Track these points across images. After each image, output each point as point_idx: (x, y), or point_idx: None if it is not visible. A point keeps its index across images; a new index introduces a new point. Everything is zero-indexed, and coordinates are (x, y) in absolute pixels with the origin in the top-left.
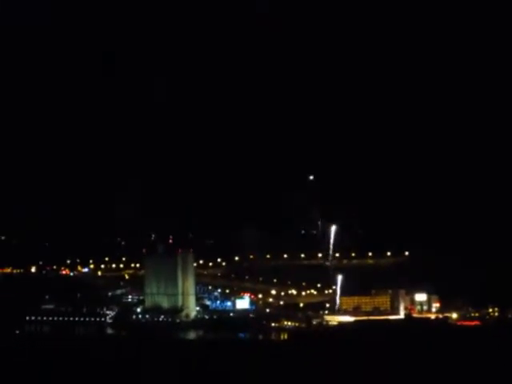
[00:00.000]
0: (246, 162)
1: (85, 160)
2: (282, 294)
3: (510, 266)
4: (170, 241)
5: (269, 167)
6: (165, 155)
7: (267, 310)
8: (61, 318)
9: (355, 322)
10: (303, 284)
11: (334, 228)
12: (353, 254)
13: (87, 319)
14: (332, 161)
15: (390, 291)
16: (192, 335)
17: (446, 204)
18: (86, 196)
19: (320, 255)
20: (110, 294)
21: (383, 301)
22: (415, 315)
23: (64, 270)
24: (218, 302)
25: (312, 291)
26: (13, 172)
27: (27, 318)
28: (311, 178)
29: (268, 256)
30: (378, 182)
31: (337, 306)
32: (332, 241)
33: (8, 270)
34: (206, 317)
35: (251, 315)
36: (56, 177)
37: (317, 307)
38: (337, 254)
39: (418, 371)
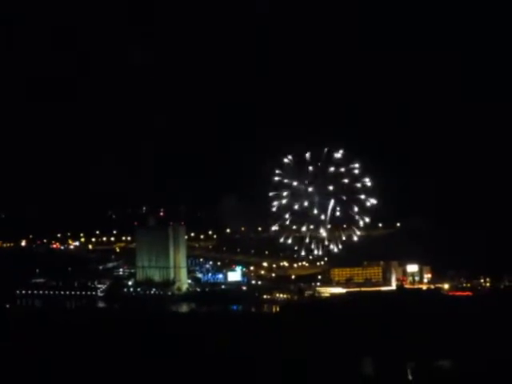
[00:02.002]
0: (237, 133)
1: (75, 131)
2: (274, 266)
3: (502, 237)
4: (162, 214)
5: (258, 139)
6: (156, 127)
7: (259, 283)
8: (52, 292)
9: (347, 293)
10: (295, 256)
11: (325, 201)
12: (344, 226)
13: (78, 293)
14: (326, 130)
15: (381, 263)
16: (184, 308)
17: (437, 174)
18: (76, 169)
19: (311, 227)
20: (101, 267)
21: (375, 272)
22: (407, 286)
23: (54, 243)
24: (210, 274)
25: (304, 263)
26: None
27: (18, 292)
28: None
29: (260, 228)
30: (369, 153)
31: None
32: (327, 213)
33: None
34: (198, 289)
35: (243, 287)
36: (46, 150)
37: (309, 279)
38: (328, 226)
39: (411, 340)
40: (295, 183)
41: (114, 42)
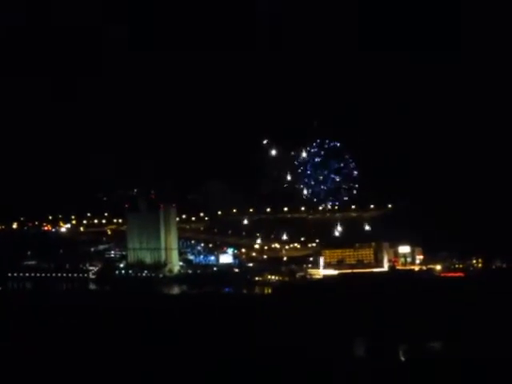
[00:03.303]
0: (229, 113)
1: (66, 115)
2: (266, 248)
3: (493, 217)
4: (153, 196)
5: (253, 120)
6: (146, 108)
7: (251, 265)
8: (43, 275)
9: (339, 275)
10: (286, 238)
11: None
12: (336, 207)
13: (70, 275)
14: (318, 114)
15: (373, 244)
16: (176, 290)
17: (429, 154)
18: (67, 152)
19: (303, 209)
20: (92, 249)
21: (367, 254)
22: (399, 267)
23: (46, 226)
24: (202, 256)
25: (295, 245)
26: None
27: (9, 274)
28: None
29: (251, 210)
30: (361, 135)
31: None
32: (315, 194)
33: None
34: (190, 271)
35: (235, 269)
36: (37, 133)
37: (300, 261)
38: (320, 208)
39: (404, 321)
40: (286, 164)
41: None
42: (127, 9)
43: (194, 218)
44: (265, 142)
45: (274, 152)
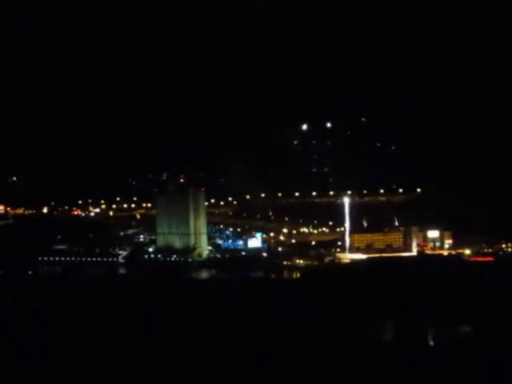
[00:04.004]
0: (258, 102)
1: (95, 99)
2: (294, 232)
3: None
4: (182, 180)
5: (280, 107)
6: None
7: (279, 249)
8: (73, 259)
9: (368, 259)
10: (315, 222)
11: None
12: (365, 192)
13: (99, 259)
14: (344, 99)
15: (402, 228)
16: (205, 274)
17: (459, 139)
18: (97, 136)
19: (332, 193)
20: (121, 233)
21: (396, 238)
22: (428, 252)
23: (76, 210)
24: (230, 240)
25: (324, 229)
26: (22, 114)
27: (40, 258)
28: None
29: (280, 194)
30: (389, 120)
31: (347, 244)
32: (344, 179)
33: (20, 211)
34: (218, 256)
35: (263, 254)
36: (68, 118)
37: (329, 245)
38: (349, 192)
39: (434, 305)
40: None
41: None
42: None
43: (222, 203)
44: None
45: (302, 137)
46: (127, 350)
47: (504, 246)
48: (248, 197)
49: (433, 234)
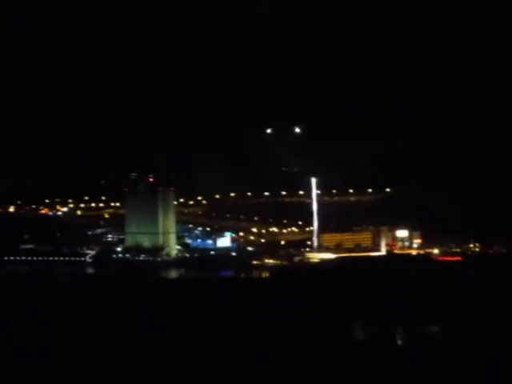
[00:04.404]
0: (228, 102)
1: (64, 96)
2: (263, 231)
3: (491, 202)
4: (151, 179)
5: (251, 107)
6: (145, 95)
7: (248, 248)
8: (40, 258)
9: (337, 258)
10: (284, 221)
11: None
12: (334, 191)
13: (67, 259)
14: (313, 98)
15: (371, 228)
16: (173, 274)
17: (427, 139)
18: (65, 135)
19: (301, 193)
20: (89, 233)
21: (365, 237)
22: (397, 251)
23: (43, 209)
24: (199, 240)
25: (293, 229)
26: None
27: (6, 258)
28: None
29: (249, 194)
30: (358, 120)
31: (315, 243)
32: (313, 178)
33: None
34: (187, 255)
35: (232, 253)
36: (34, 116)
37: (298, 244)
38: (318, 192)
39: (401, 305)
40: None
41: None
42: None
43: (192, 202)
44: (265, 129)
45: (272, 136)
46: (94, 349)
47: (472, 245)
48: (217, 196)
49: (402, 233)
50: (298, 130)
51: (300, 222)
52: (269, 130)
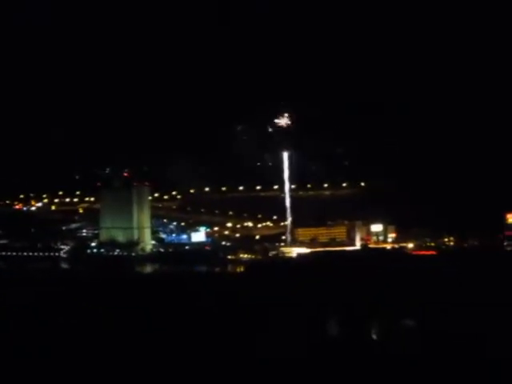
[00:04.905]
0: (202, 96)
1: (37, 90)
2: (238, 226)
3: (465, 196)
4: (126, 174)
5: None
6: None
7: (223, 243)
8: (15, 254)
9: (312, 253)
10: (259, 216)
11: (289, 159)
12: (309, 186)
13: (41, 254)
14: (288, 92)
15: (346, 222)
16: (148, 269)
17: (402, 133)
18: (39, 129)
19: (276, 187)
20: (64, 228)
21: (340, 232)
22: (371, 245)
23: (17, 204)
24: (174, 235)
25: (268, 223)
26: None
27: None
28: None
29: (224, 188)
30: (334, 115)
31: (289, 238)
32: (288, 172)
33: None
34: (162, 250)
35: (207, 248)
36: (6, 111)
37: (273, 239)
38: (293, 186)
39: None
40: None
41: None
42: None
43: (166, 197)
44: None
45: (245, 130)
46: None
47: (447, 240)
48: (192, 191)
49: (376, 227)
50: (273, 123)
51: (275, 217)
52: (243, 124)
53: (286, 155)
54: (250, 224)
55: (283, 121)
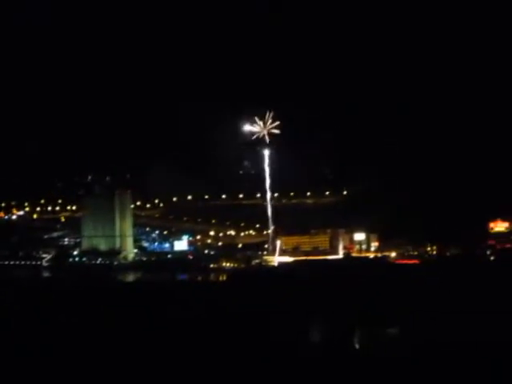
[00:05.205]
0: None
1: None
2: (221, 234)
3: (448, 205)
4: (108, 182)
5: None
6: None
7: (206, 251)
8: None
9: (294, 261)
10: (242, 225)
11: (271, 168)
12: (291, 194)
13: (23, 263)
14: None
15: (328, 231)
16: (130, 277)
17: (385, 141)
18: (20, 137)
19: (258, 195)
20: (46, 236)
21: (322, 240)
22: (354, 254)
23: None
24: (156, 243)
25: (251, 232)
26: None
27: None
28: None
29: (206, 196)
30: (317, 123)
31: (272, 247)
32: (269, 181)
33: None
34: (144, 258)
35: (190, 256)
36: None
37: (256, 247)
38: (275, 194)
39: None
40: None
41: None
42: None
43: (149, 205)
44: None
45: (229, 139)
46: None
47: (429, 248)
48: (175, 199)
49: (359, 236)
50: (256, 132)
51: (258, 225)
52: (226, 132)
53: (267, 164)
54: (233, 232)
55: (266, 129)
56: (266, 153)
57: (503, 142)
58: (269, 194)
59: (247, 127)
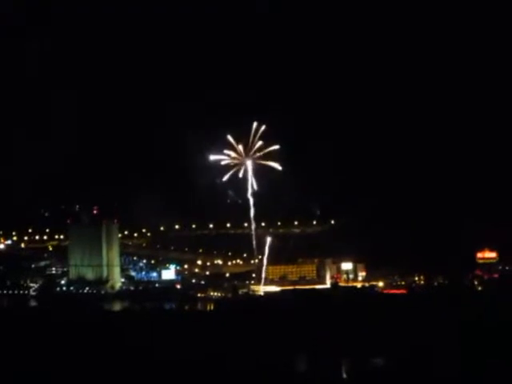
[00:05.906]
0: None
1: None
2: (208, 263)
3: (435, 234)
4: (95, 211)
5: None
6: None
7: (193, 281)
8: None
9: (281, 291)
10: (229, 254)
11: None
12: (279, 223)
13: (10, 292)
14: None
15: (316, 260)
16: (117, 306)
17: (371, 171)
18: (7, 165)
19: (246, 225)
20: (33, 265)
21: (309, 270)
22: (341, 284)
23: None
24: (144, 272)
25: (238, 261)
26: None
27: None
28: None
29: (194, 226)
30: (301, 151)
31: (258, 276)
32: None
33: None
34: (132, 288)
35: (177, 286)
36: None
37: (243, 277)
38: (262, 224)
39: (346, 338)
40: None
41: None
42: None
43: (136, 234)
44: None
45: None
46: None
47: (416, 278)
48: (162, 228)
49: (346, 266)
50: (243, 160)
51: (245, 255)
52: (213, 160)
53: (250, 193)
54: (220, 262)
55: (252, 158)
56: (250, 182)
57: (489, 169)
58: (253, 225)
59: (232, 155)
